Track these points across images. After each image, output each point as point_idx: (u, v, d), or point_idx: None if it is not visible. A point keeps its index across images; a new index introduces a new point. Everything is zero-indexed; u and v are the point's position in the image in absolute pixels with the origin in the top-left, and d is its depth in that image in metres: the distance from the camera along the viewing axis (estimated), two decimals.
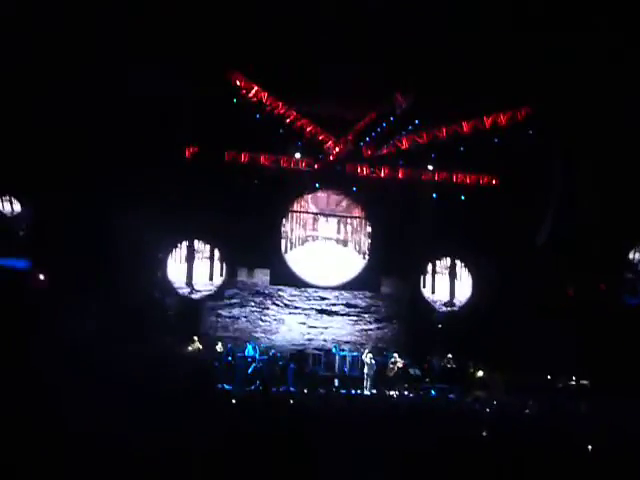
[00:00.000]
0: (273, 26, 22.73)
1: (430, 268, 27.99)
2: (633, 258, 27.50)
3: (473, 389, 23.57)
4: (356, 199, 27.62)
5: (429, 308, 27.55)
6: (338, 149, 26.71)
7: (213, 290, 26.41)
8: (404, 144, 26.94)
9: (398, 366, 23.96)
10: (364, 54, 23.33)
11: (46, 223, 23.42)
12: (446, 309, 27.63)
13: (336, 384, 23.61)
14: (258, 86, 25.79)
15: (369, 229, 27.66)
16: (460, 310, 27.59)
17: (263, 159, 26.49)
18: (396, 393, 23.03)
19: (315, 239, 27.48)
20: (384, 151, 27.04)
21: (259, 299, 26.69)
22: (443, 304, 27.69)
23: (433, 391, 23.52)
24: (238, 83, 25.69)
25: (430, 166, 27.12)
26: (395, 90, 26.31)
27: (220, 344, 24.00)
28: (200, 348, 23.39)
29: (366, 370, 23.89)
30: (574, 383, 24.00)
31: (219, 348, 23.79)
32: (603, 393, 21.29)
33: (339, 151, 26.73)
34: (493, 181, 27.40)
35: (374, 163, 27.07)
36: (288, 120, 26.13)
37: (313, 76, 23.66)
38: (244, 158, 26.27)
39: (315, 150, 26.68)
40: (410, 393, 23.17)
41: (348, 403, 19.10)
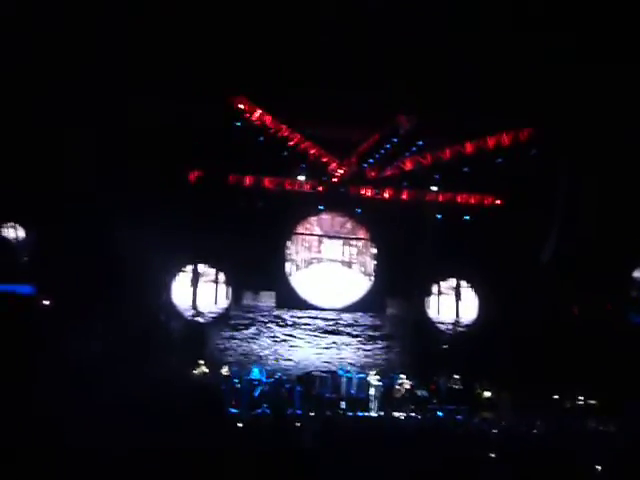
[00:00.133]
0: (275, 49, 22.86)
1: (435, 289, 27.97)
2: (635, 275, 27.44)
3: (480, 410, 23.46)
4: (360, 221, 27.65)
5: (435, 329, 27.50)
6: (342, 171, 26.76)
7: (218, 313, 26.40)
8: (408, 165, 27.00)
9: (405, 387, 23.88)
10: (367, 76, 23.43)
11: (50, 248, 23.45)
12: (452, 330, 27.57)
13: (343, 406, 23.51)
14: (261, 109, 25.90)
15: (374, 250, 27.67)
16: (466, 330, 27.54)
17: (267, 182, 26.55)
18: (403, 415, 22.93)
19: (320, 261, 27.49)
20: (388, 172, 27.09)
21: (265, 322, 26.64)
22: (449, 325, 27.63)
23: (440, 412, 23.40)
24: (241, 106, 25.78)
25: (434, 187, 27.15)
26: (398, 112, 26.39)
27: (226, 367, 23.93)
28: (206, 372, 23.32)
29: (372, 392, 23.79)
30: (582, 402, 23.88)
31: (225, 372, 23.71)
32: (611, 412, 21.22)
33: (343, 173, 26.79)
34: (497, 201, 27.42)
35: (378, 185, 27.11)
36: (292, 143, 26.20)
37: (316, 99, 23.77)
38: (248, 181, 26.33)
39: (319, 172, 26.74)
40: (417, 414, 23.06)
41: (355, 425, 19.03)
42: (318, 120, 25.49)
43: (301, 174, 26.54)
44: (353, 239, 27.85)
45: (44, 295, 23.51)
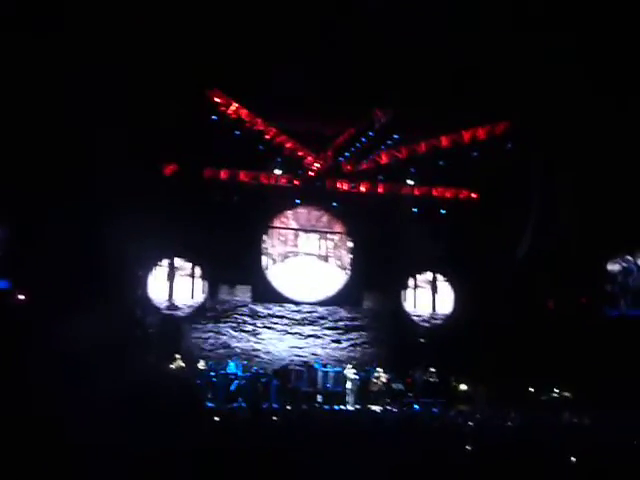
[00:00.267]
0: (251, 43, 22.76)
1: (411, 282, 28.05)
2: (612, 269, 27.60)
3: (456, 403, 23.55)
4: (337, 214, 27.66)
5: (411, 322, 27.58)
6: (318, 165, 26.75)
7: (194, 308, 26.32)
8: (383, 159, 27.04)
9: (381, 381, 23.93)
10: (343, 70, 23.41)
11: (24, 243, 23.24)
12: (428, 323, 27.66)
13: (319, 400, 23.53)
14: (237, 103, 25.81)
15: (350, 244, 27.69)
16: (442, 324, 27.63)
17: (243, 176, 26.50)
18: (379, 408, 22.97)
19: (296, 255, 27.48)
20: (364, 166, 27.12)
21: (241, 316, 26.61)
22: (425, 318, 27.72)
23: (416, 405, 23.48)
24: (217, 100, 25.69)
25: (410, 181, 27.23)
26: (374, 105, 26.40)
27: (202, 362, 23.88)
28: (182, 366, 23.25)
29: (349, 385, 23.83)
30: (557, 395, 24.03)
31: (201, 366, 23.65)
32: (586, 405, 21.36)
33: (319, 167, 26.78)
34: (473, 195, 27.55)
35: (354, 178, 27.14)
36: (267, 136, 26.15)
37: (291, 92, 23.72)
38: (224, 175, 26.27)
39: (295, 166, 26.72)
40: (393, 408, 23.12)
41: (331, 419, 19.03)
42: (294, 114, 25.47)
43: (277, 168, 26.50)
44: (329, 233, 27.85)
45: (19, 289, 23.33)
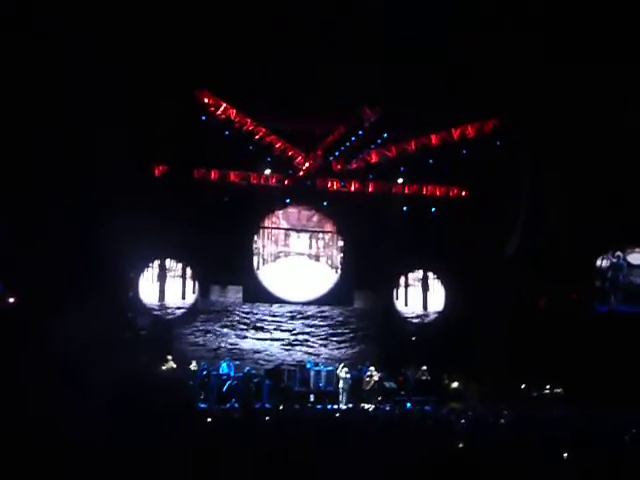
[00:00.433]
0: (240, 43, 22.75)
1: (402, 281, 28.08)
2: (601, 265, 27.71)
3: (448, 400, 23.60)
4: (327, 214, 27.66)
5: (403, 321, 27.61)
6: (308, 164, 26.73)
7: (186, 308, 26.29)
8: (373, 158, 27.05)
9: (374, 379, 23.94)
10: (331, 68, 23.40)
11: (15, 245, 23.17)
12: (419, 321, 27.70)
13: (311, 399, 23.54)
14: (226, 103, 25.78)
15: (341, 243, 27.70)
16: (433, 322, 27.68)
17: (233, 176, 26.47)
18: (372, 407, 22.99)
19: (287, 255, 27.47)
20: (354, 165, 27.10)
21: (232, 316, 26.59)
22: (416, 316, 27.75)
23: (409, 403, 23.52)
24: (206, 100, 25.65)
25: (400, 179, 27.23)
26: (363, 104, 26.40)
27: (194, 362, 23.84)
28: (174, 367, 23.22)
29: (341, 384, 23.85)
30: (548, 391, 24.11)
31: (193, 367, 23.62)
32: (577, 401, 21.45)
33: (309, 166, 26.76)
34: (463, 193, 27.58)
35: (344, 177, 27.13)
36: (257, 136, 26.09)
37: (281, 92, 23.72)
38: (214, 175, 26.24)
39: (285, 166, 26.67)
40: (386, 406, 23.14)
41: (324, 418, 19.03)
42: (283, 113, 25.44)
43: (267, 168, 26.47)
44: (320, 232, 27.86)
45: (10, 292, 23.27)
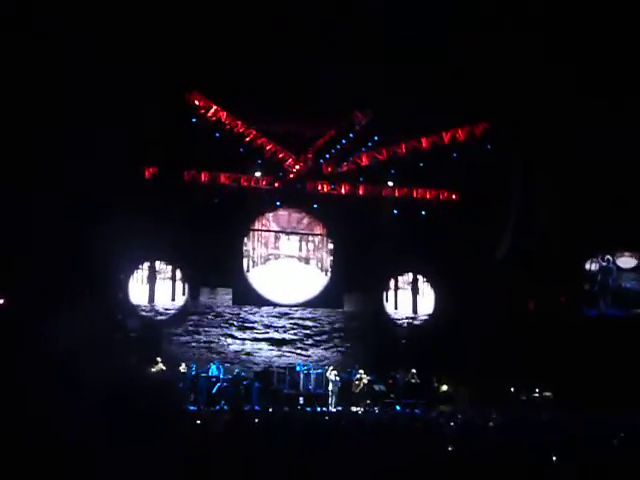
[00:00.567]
0: (231, 45, 22.76)
1: (392, 283, 28.09)
2: (590, 269, 27.78)
3: (438, 403, 23.62)
4: (317, 216, 27.65)
5: (392, 323, 27.62)
6: (298, 167, 26.74)
7: (175, 310, 26.24)
8: (364, 161, 27.08)
9: (363, 382, 23.94)
10: (322, 71, 23.43)
11: (4, 246, 23.10)
12: (409, 324, 27.70)
13: (301, 402, 23.53)
14: (217, 105, 25.77)
15: (331, 246, 27.70)
16: (423, 325, 27.69)
17: (223, 178, 26.45)
18: (361, 409, 23.00)
19: (277, 257, 27.44)
20: (344, 168, 27.13)
21: (222, 318, 26.56)
22: (406, 319, 27.76)
23: (398, 406, 23.53)
24: (197, 102, 25.64)
25: (390, 182, 27.26)
26: (354, 107, 26.43)
27: (183, 365, 23.79)
28: (163, 369, 23.17)
29: (331, 387, 23.84)
30: (537, 395, 24.15)
31: (182, 369, 23.57)
32: (566, 404, 21.50)
33: (299, 169, 26.76)
34: (453, 196, 27.62)
35: (334, 180, 27.14)
36: (248, 139, 26.11)
37: (272, 94, 23.73)
38: (204, 177, 26.21)
39: (275, 168, 26.69)
40: (375, 409, 23.14)
41: (313, 421, 19.02)
42: (274, 116, 25.46)
43: (257, 170, 26.47)
44: (310, 235, 27.85)
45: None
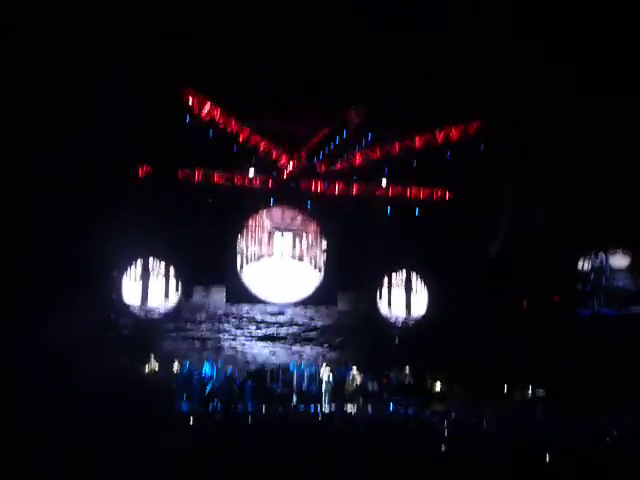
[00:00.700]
0: (224, 43, 22.75)
1: (386, 281, 28.07)
2: (583, 268, 27.81)
3: (431, 402, 23.63)
4: (311, 215, 27.63)
5: (386, 322, 27.61)
6: (292, 165, 26.72)
7: (169, 308, 26.20)
8: (357, 159, 27.08)
9: (356, 381, 23.94)
10: (316, 70, 23.44)
11: None
12: (403, 323, 27.70)
13: (294, 400, 23.51)
14: (211, 103, 25.74)
15: (324, 244, 27.69)
16: (417, 323, 27.68)
17: (217, 177, 26.41)
18: (354, 408, 22.99)
19: (271, 255, 27.41)
20: (338, 167, 27.13)
21: (215, 317, 26.53)
22: (399, 318, 27.76)
23: (392, 405, 23.52)
24: (190, 101, 25.61)
25: (384, 181, 27.26)
26: (347, 105, 26.43)
27: (176, 363, 23.76)
28: (156, 368, 23.14)
29: (324, 386, 23.83)
30: (531, 393, 24.17)
31: (175, 367, 23.53)
32: (559, 403, 21.54)
33: (293, 167, 26.75)
34: (446, 195, 27.63)
35: (328, 179, 27.14)
36: (241, 137, 26.08)
37: (266, 92, 23.74)
38: (198, 176, 26.18)
39: (269, 167, 26.67)
40: (369, 408, 23.13)
41: (307, 419, 19.04)
42: (268, 114, 25.44)
43: (251, 169, 26.44)
44: (304, 233, 27.83)
45: None
